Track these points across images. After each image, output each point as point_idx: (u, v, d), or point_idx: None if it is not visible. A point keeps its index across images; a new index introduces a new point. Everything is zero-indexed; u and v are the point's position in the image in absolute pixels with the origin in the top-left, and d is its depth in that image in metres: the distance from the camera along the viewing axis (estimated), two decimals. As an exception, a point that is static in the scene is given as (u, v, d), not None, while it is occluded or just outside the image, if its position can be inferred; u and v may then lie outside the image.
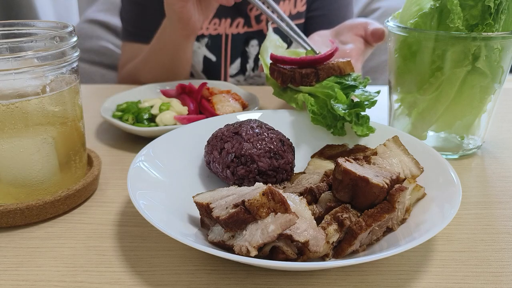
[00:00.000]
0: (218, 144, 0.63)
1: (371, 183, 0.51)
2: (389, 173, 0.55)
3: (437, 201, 0.55)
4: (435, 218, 0.52)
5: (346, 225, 0.50)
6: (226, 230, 0.49)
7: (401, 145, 0.62)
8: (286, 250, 0.47)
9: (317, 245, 0.47)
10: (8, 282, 0.49)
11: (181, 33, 1.02)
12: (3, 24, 0.63)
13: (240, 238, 0.47)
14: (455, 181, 0.56)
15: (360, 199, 0.52)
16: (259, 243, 0.45)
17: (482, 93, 0.71)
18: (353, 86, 0.71)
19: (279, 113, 0.76)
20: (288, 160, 0.63)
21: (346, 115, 0.67)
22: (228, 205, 0.48)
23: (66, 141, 0.62)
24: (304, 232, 0.48)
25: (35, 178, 0.60)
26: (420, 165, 0.60)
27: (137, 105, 0.89)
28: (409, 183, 0.56)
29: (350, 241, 0.50)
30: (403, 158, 0.60)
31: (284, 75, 0.76)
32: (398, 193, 0.52)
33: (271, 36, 0.89)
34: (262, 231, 0.46)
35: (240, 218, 0.47)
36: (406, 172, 0.59)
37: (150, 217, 0.49)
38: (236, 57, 1.30)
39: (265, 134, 0.63)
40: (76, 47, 0.62)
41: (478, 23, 0.65)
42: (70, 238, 0.57)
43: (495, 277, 0.50)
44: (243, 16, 1.26)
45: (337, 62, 0.73)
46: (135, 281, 0.50)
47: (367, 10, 1.57)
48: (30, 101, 0.57)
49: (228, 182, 0.62)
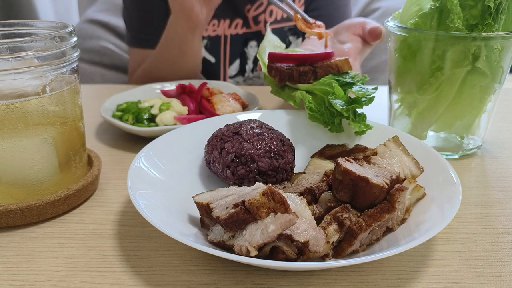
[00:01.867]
0: (218, 144, 0.63)
1: (371, 183, 0.51)
2: (389, 173, 0.55)
3: (437, 201, 0.55)
4: (435, 218, 0.51)
5: (346, 225, 0.50)
6: (226, 230, 0.49)
7: (401, 145, 0.62)
8: (286, 250, 0.47)
9: (317, 245, 0.47)
10: (8, 282, 0.49)
11: (186, 26, 1.02)
12: (3, 24, 0.63)
13: (240, 238, 0.47)
14: (455, 181, 0.56)
15: (360, 199, 0.52)
16: (259, 243, 0.45)
17: (482, 93, 0.71)
18: (351, 83, 0.71)
19: (278, 113, 0.76)
20: (288, 160, 0.63)
21: (344, 111, 0.67)
22: (228, 205, 0.48)
23: (66, 141, 0.62)
24: (304, 232, 0.48)
25: (35, 178, 0.60)
26: (420, 165, 0.60)
27: (137, 105, 0.89)
28: (409, 183, 0.56)
29: (350, 241, 0.50)
30: (403, 158, 0.60)
31: (282, 73, 0.76)
32: (398, 193, 0.52)
33: (269, 36, 0.89)
34: (262, 231, 0.46)
35: (240, 218, 0.47)
36: (406, 172, 0.59)
37: (150, 217, 0.49)
38: (235, 58, 1.30)
39: (265, 134, 0.63)
40: (76, 47, 0.62)
41: (478, 23, 0.65)
42: (70, 238, 0.57)
43: (495, 277, 0.50)
44: (242, 17, 1.26)
45: (335, 60, 0.74)
46: (135, 281, 0.50)
47: (367, 10, 1.57)
48: (30, 101, 0.57)
49: (228, 182, 0.62)
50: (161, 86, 1.01)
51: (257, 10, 1.25)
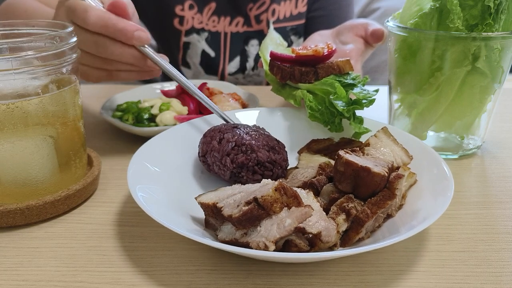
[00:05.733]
0: (217, 135, 0.64)
1: (373, 173, 0.53)
2: (385, 163, 0.57)
3: (431, 190, 0.57)
4: (429, 205, 0.54)
5: (353, 214, 0.52)
6: (237, 228, 0.49)
7: (390, 135, 0.64)
8: (299, 243, 0.48)
9: (329, 235, 0.49)
10: (8, 282, 0.49)
11: None
12: (3, 24, 0.63)
13: (255, 235, 0.48)
14: (446, 171, 0.58)
15: (362, 189, 0.54)
16: (276, 238, 0.46)
17: (482, 93, 0.71)
18: (352, 85, 0.71)
19: (271, 111, 0.78)
20: (284, 157, 0.64)
21: (345, 111, 0.67)
22: (239, 203, 0.49)
23: (66, 141, 0.62)
24: (316, 223, 0.49)
25: (35, 178, 0.60)
26: (409, 153, 0.63)
27: (137, 105, 0.89)
28: (404, 170, 0.58)
29: (357, 230, 0.52)
30: (394, 148, 0.62)
31: (283, 71, 0.76)
32: (397, 181, 0.54)
33: (272, 34, 0.90)
34: (278, 226, 0.47)
35: (254, 214, 0.48)
36: (398, 161, 0.61)
37: (153, 213, 0.49)
38: (235, 55, 1.30)
39: (261, 132, 0.66)
40: (76, 47, 0.62)
41: (478, 23, 0.65)
42: (70, 238, 0.57)
43: (495, 277, 0.50)
44: (243, 15, 1.26)
45: (336, 61, 0.74)
46: (135, 281, 0.50)
47: (367, 10, 1.57)
48: (30, 101, 0.57)
49: (225, 173, 0.62)
50: (161, 86, 1.01)
51: (259, 9, 1.25)
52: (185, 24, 1.26)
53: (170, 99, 0.89)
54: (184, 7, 1.24)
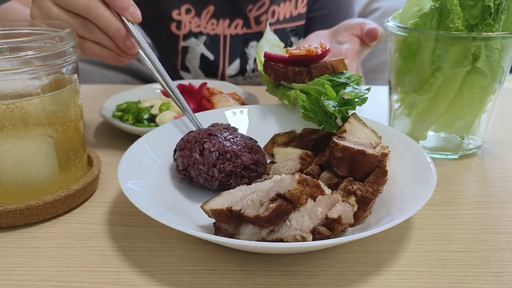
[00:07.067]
0: (196, 146, 0.62)
1: (368, 155, 0.58)
2: (369, 144, 0.61)
3: (414, 177, 0.59)
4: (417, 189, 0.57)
5: (359, 195, 0.55)
6: (263, 226, 0.49)
7: (360, 120, 0.67)
8: (322, 230, 0.49)
9: (348, 217, 0.51)
10: (8, 282, 0.49)
11: None
12: (3, 24, 0.63)
13: (287, 229, 0.48)
14: (426, 157, 0.61)
15: (358, 171, 0.59)
16: (310, 228, 0.48)
17: (482, 93, 0.71)
18: (344, 84, 0.71)
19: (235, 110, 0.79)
20: (263, 154, 0.65)
21: (337, 112, 0.67)
22: (261, 202, 0.50)
23: (66, 141, 0.62)
24: (334, 208, 0.50)
25: (35, 178, 0.60)
26: (378, 134, 0.66)
27: (137, 105, 0.89)
28: (383, 149, 0.63)
29: (364, 208, 0.55)
30: (365, 131, 0.66)
31: (277, 72, 0.76)
32: (385, 158, 0.60)
33: (268, 35, 0.89)
34: (309, 216, 0.49)
35: (283, 210, 0.49)
36: (372, 142, 0.64)
37: (156, 215, 0.49)
38: (234, 58, 1.30)
39: (235, 134, 0.66)
40: (76, 47, 0.62)
41: (478, 23, 0.65)
42: (70, 238, 0.57)
43: (495, 277, 0.50)
44: (242, 17, 1.25)
45: (330, 61, 0.73)
46: (135, 281, 0.50)
47: (367, 10, 1.57)
48: (30, 101, 0.57)
49: (213, 184, 0.61)
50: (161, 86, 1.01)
51: (259, 11, 1.25)
52: (183, 29, 1.26)
53: (170, 99, 0.89)
54: (181, 12, 1.24)
